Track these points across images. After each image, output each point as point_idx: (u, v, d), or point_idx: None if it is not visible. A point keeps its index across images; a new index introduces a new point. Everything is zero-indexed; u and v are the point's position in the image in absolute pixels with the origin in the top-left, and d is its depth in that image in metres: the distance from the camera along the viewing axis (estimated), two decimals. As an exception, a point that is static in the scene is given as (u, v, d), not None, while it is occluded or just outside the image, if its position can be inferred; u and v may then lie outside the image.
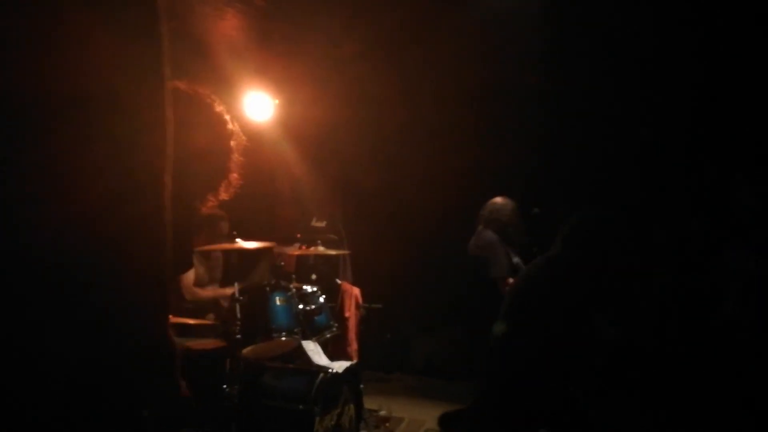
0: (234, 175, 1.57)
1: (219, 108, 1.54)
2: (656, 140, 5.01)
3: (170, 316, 1.57)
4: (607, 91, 5.05)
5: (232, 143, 1.54)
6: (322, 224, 5.58)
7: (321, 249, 4.45)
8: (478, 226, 4.29)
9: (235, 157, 1.56)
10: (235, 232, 3.40)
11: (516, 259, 4.14)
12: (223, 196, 1.58)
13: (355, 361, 4.10)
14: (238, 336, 3.15)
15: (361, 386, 3.74)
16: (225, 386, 3.10)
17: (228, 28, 4.41)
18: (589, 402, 2.24)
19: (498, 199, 4.31)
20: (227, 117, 1.55)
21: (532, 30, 4.83)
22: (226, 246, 3.55)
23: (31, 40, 1.19)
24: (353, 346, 4.94)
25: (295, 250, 4.61)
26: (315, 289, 4.02)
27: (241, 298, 3.27)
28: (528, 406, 2.27)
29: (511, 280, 3.94)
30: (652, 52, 4.73)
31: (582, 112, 5.24)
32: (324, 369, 3.38)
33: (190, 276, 3.90)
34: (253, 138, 5.50)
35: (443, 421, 2.49)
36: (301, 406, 3.14)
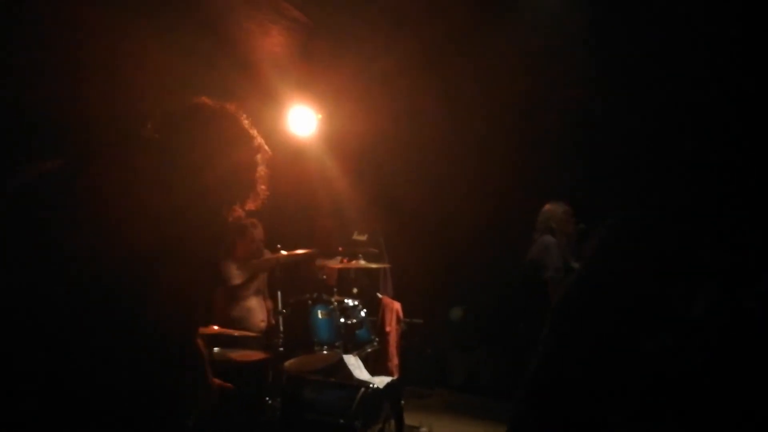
0: (262, 187, 1.59)
1: (245, 122, 1.56)
2: (704, 151, 4.85)
3: (200, 328, 1.62)
4: (652, 101, 4.93)
5: (258, 156, 1.57)
6: (363, 237, 5.59)
7: (362, 262, 4.45)
8: (534, 235, 4.34)
9: (261, 169, 1.58)
10: (279, 245, 3.43)
11: (575, 264, 4.12)
12: (251, 206, 1.60)
13: (396, 377, 4.07)
14: (281, 348, 3.17)
15: (402, 402, 3.70)
16: (267, 398, 3.11)
17: (273, 44, 4.50)
18: (626, 426, 2.15)
19: (547, 206, 4.37)
20: (253, 131, 1.57)
21: (577, 41, 4.76)
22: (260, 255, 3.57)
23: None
24: (394, 361, 4.90)
25: (336, 264, 4.62)
26: (356, 302, 4.01)
27: (284, 310, 3.29)
28: (566, 426, 2.20)
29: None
30: (698, 61, 4.61)
31: (628, 122, 5.12)
32: (365, 384, 3.36)
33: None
34: (297, 152, 5.53)
35: None
36: (342, 421, 3.13)
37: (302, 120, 5.08)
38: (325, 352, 3.46)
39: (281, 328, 3.19)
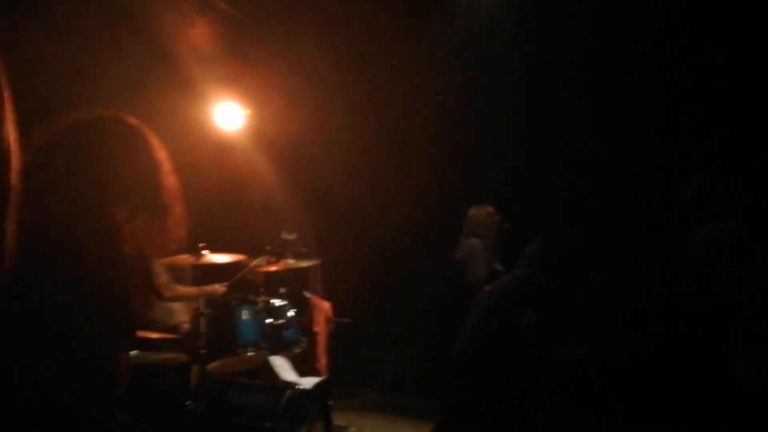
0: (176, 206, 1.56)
1: (148, 134, 1.53)
2: (626, 159, 5.09)
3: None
4: (579, 105, 5.14)
5: (163, 168, 1.53)
6: (292, 236, 5.50)
7: (291, 262, 4.37)
8: (461, 238, 4.46)
9: (173, 183, 1.56)
10: (202, 243, 3.32)
11: (498, 266, 4.25)
12: (174, 227, 1.57)
13: (324, 377, 4.04)
14: (203, 351, 3.07)
15: (330, 402, 3.67)
16: (189, 402, 3.01)
17: (199, 37, 4.35)
18: (547, 420, 2.23)
19: (471, 210, 4.50)
20: (157, 143, 1.53)
21: (503, 45, 4.90)
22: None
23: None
24: (322, 362, 4.86)
25: (264, 264, 4.52)
26: (284, 302, 3.95)
27: (207, 311, 3.19)
28: (489, 424, 2.26)
29: (487, 288, 4.02)
30: (622, 69, 4.83)
31: (553, 126, 5.32)
32: (291, 385, 3.31)
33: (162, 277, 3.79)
34: (224, 148, 5.38)
35: None
36: (267, 424, 3.07)
37: (229, 115, 4.95)
38: (250, 353, 3.38)
39: (203, 329, 3.09)
